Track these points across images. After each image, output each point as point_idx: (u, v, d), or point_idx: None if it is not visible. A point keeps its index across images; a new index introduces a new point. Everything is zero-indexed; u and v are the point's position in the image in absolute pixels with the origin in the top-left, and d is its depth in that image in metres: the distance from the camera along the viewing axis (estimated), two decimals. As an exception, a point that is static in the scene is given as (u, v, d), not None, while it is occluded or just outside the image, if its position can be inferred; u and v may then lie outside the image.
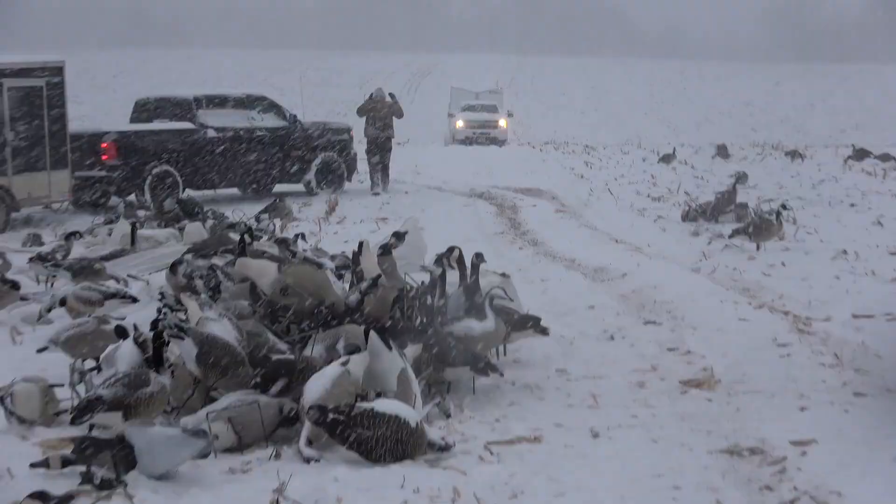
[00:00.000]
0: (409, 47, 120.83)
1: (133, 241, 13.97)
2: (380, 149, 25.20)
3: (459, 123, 49.90)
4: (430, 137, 53.34)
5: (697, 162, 33.61)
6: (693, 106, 76.53)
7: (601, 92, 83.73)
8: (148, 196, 21.81)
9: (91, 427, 6.89)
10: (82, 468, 6.31)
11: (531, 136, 58.50)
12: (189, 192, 22.72)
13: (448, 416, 7.69)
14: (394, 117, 25.14)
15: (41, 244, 15.90)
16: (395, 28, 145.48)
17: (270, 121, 24.15)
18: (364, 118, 25.44)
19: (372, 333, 7.61)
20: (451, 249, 9.79)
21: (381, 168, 25.36)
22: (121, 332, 7.75)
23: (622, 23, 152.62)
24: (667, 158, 33.74)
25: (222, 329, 7.78)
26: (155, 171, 22.31)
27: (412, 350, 7.98)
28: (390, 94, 25.76)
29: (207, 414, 7.06)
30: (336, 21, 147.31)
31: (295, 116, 24.46)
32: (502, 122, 49.97)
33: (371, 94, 26.06)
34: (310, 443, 6.91)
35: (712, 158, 35.14)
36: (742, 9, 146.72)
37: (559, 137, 57.16)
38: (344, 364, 7.30)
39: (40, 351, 8.75)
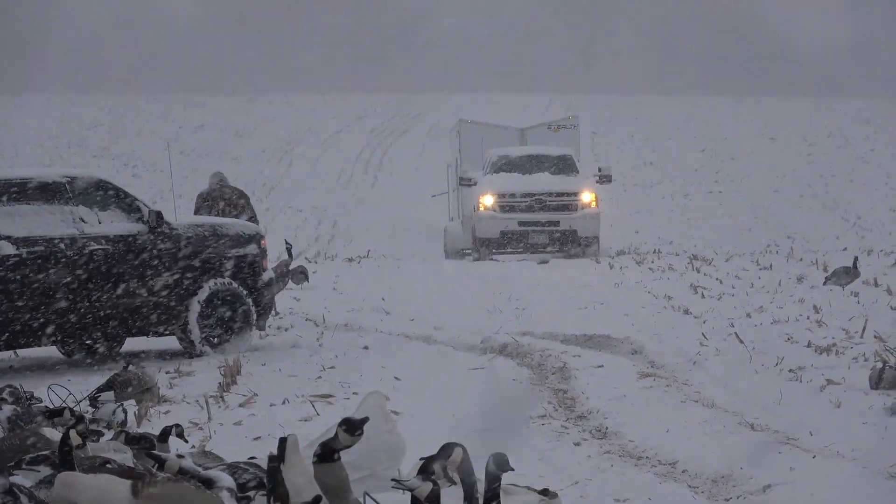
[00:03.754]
0: (375, 82, 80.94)
1: None
2: None
3: (487, 201, 27.92)
4: (410, 244, 37.12)
5: (900, 283, 20.95)
6: (892, 181, 53.52)
7: (718, 157, 58.79)
8: None
9: None
10: None
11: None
12: None
13: None
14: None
15: None
16: (347, 56, 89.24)
17: (114, 223, 15.56)
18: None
19: None
20: (447, 449, 6.82)
21: None
22: None
23: (754, 33, 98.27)
24: (841, 276, 23.95)
25: None
26: None
27: None
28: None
29: None
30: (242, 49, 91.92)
31: (159, 215, 15.83)
32: (587, 197, 28.14)
33: (213, 182, 19.60)
34: None
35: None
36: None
37: (641, 240, 39.82)
38: None
39: None
